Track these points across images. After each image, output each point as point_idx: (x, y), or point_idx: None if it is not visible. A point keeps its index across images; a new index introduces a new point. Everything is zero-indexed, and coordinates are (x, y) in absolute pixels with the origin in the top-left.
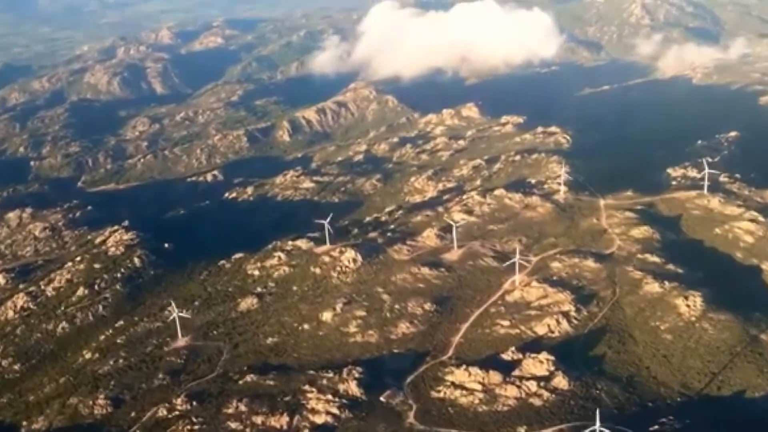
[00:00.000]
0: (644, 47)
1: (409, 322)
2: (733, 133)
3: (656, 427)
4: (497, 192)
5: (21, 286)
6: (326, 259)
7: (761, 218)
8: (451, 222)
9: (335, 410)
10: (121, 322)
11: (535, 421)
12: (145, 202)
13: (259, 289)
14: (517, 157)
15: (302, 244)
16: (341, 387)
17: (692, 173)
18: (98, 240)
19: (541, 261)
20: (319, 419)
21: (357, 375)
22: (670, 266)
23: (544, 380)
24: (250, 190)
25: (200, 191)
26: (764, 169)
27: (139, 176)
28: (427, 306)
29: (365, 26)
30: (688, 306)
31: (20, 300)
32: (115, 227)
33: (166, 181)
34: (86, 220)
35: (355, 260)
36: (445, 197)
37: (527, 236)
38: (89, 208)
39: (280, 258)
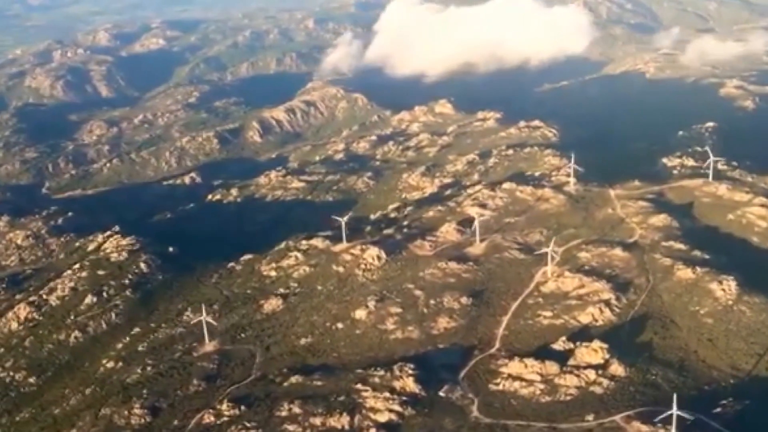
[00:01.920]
0: (592, 44)
1: (449, 317)
2: (709, 124)
3: (719, 409)
4: (506, 185)
5: (18, 297)
6: (347, 257)
7: None
8: (474, 216)
9: (397, 407)
10: (138, 330)
11: (601, 409)
12: (124, 207)
13: (281, 290)
14: (510, 152)
15: (318, 242)
16: (397, 384)
17: (689, 162)
18: (91, 246)
19: (567, 252)
20: (382, 417)
21: (410, 372)
22: (696, 252)
23: (601, 368)
24: (234, 191)
25: (179, 194)
26: (754, 157)
27: (106, 181)
28: (464, 300)
29: (383, 22)
30: (723, 290)
31: (23, 311)
32: (108, 233)
33: (138, 185)
34: (70, 226)
35: (379, 257)
36: (447, 192)
37: (547, 228)
38: (70, 214)
39: (297, 258)
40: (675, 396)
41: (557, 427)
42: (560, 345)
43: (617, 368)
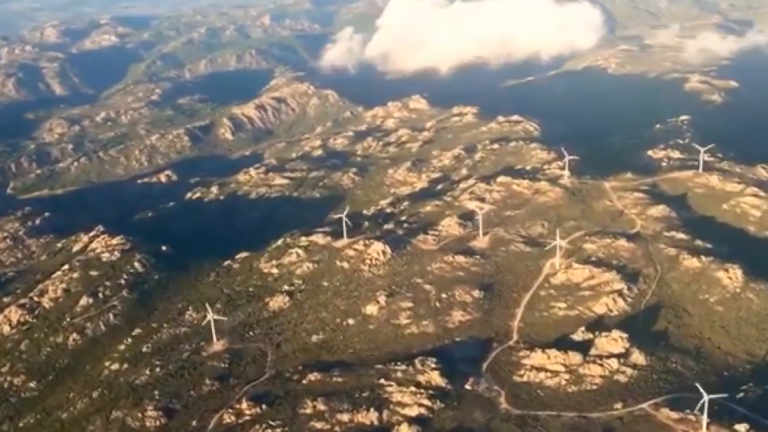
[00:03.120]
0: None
1: (463, 310)
2: (683, 117)
3: (741, 394)
4: (501, 179)
5: (6, 299)
6: (351, 252)
7: (762, 193)
8: (476, 210)
9: (426, 401)
10: (139, 331)
11: (628, 397)
12: (100, 207)
13: (286, 287)
14: (495, 146)
15: (318, 239)
16: (421, 378)
17: (675, 154)
18: (76, 247)
19: (571, 243)
20: (411, 412)
21: (434, 365)
22: (699, 242)
23: (623, 357)
24: (214, 189)
25: (157, 192)
26: (736, 148)
27: (74, 180)
28: (476, 293)
29: (386, 17)
30: (730, 278)
31: (14, 314)
32: (93, 232)
33: (110, 184)
34: (48, 227)
35: (384, 252)
36: (439, 187)
37: (547, 220)
38: (47, 214)
39: (298, 254)
40: (699, 384)
41: (587, 417)
42: (579, 335)
43: (638, 357)
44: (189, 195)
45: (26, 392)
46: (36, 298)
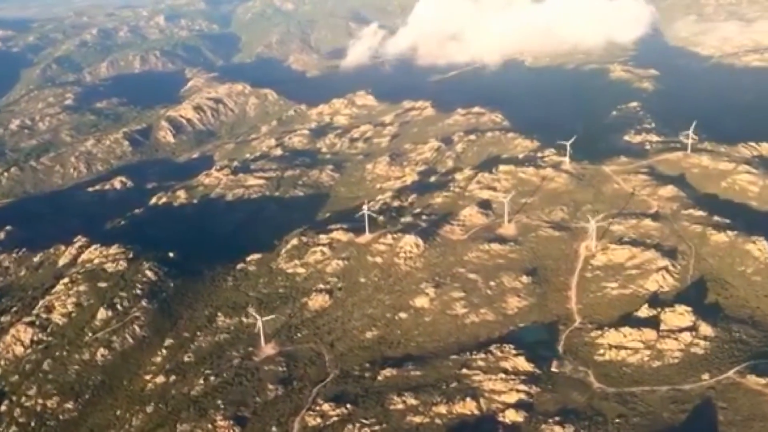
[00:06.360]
0: None
1: (517, 296)
2: (633, 103)
3: None
4: (504, 168)
5: (5, 318)
6: (381, 247)
7: (753, 170)
8: (502, 198)
9: (522, 387)
10: (171, 341)
11: (711, 368)
12: (57, 217)
13: (321, 286)
14: (472, 137)
15: (340, 235)
16: (506, 365)
17: (654, 138)
18: (63, 260)
19: (597, 226)
20: (509, 398)
21: (515, 351)
22: (717, 218)
23: (693, 330)
24: (181, 193)
25: (113, 200)
26: (708, 129)
27: (8, 192)
28: (523, 279)
29: (416, 13)
30: (759, 250)
31: (24, 333)
32: (79, 244)
33: (54, 193)
34: (16, 241)
35: (417, 245)
36: (432, 179)
37: (565, 205)
38: (9, 228)
39: (323, 252)
40: None
41: (681, 389)
42: (644, 312)
43: (706, 329)
44: (154, 200)
45: (64, 414)
46: (44, 315)
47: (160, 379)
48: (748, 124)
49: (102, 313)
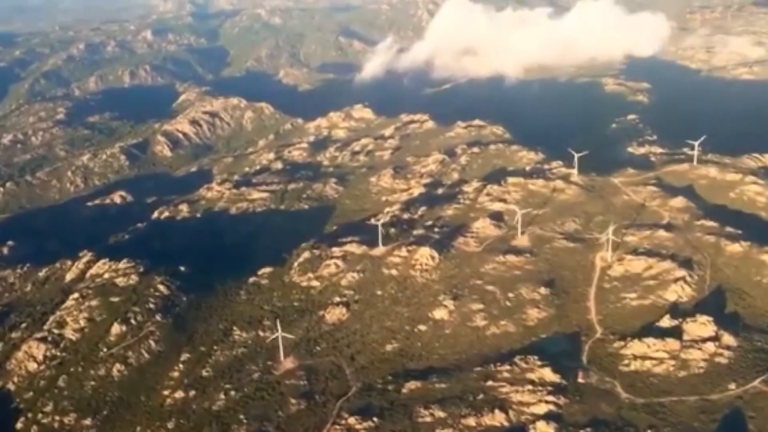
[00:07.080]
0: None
1: (536, 308)
2: (631, 116)
3: None
4: (513, 180)
5: (15, 335)
6: (395, 260)
7: (760, 181)
8: (516, 210)
9: (550, 398)
10: (187, 356)
11: (737, 377)
12: (59, 232)
13: (337, 299)
14: (475, 149)
15: (354, 248)
16: (533, 376)
17: (658, 150)
18: (70, 275)
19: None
20: (538, 409)
21: (540, 362)
22: (729, 228)
23: (716, 340)
24: (184, 207)
25: (114, 214)
26: (709, 141)
27: (5, 207)
28: (542, 290)
29: (435, 24)
30: None
31: (37, 349)
32: (86, 259)
33: (52, 208)
34: (19, 257)
35: (432, 257)
36: (440, 192)
37: (577, 217)
38: (10, 243)
39: (337, 265)
40: None
41: (709, 399)
42: (666, 322)
43: (729, 339)
44: (156, 215)
45: (83, 430)
46: (56, 331)
47: (179, 394)
48: (746, 135)
49: (116, 328)
